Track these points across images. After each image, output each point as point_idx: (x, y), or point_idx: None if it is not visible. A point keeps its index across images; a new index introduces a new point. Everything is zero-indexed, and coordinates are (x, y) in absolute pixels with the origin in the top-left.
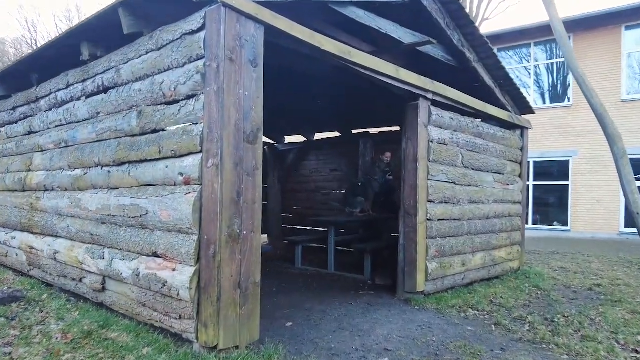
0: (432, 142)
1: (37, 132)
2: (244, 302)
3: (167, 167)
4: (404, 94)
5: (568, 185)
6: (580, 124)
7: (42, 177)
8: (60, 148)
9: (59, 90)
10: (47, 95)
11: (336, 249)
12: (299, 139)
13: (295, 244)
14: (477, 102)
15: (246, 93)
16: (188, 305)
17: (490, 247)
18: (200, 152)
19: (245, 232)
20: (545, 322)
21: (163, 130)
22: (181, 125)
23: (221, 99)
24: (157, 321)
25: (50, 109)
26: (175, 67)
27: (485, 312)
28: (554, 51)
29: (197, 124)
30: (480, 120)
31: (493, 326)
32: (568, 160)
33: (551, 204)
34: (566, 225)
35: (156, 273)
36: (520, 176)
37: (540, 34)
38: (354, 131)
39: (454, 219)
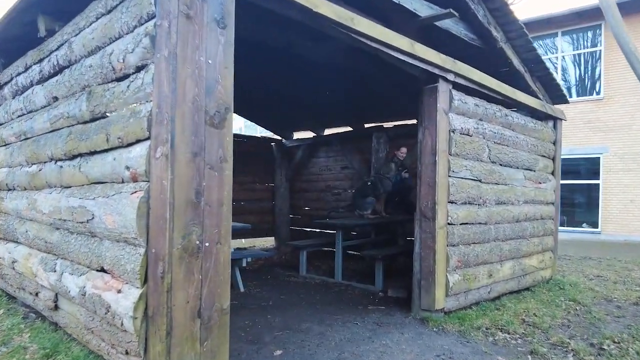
0: (453, 132)
1: (1, 124)
2: (206, 336)
3: (114, 159)
4: (420, 75)
5: (598, 184)
6: (612, 118)
7: (4, 174)
8: (20, 141)
9: (18, 74)
10: (8, 82)
11: (346, 255)
12: (307, 134)
13: (300, 249)
14: (505, 87)
15: (209, 61)
16: (134, 339)
17: (520, 255)
18: (148, 138)
19: (207, 244)
20: (592, 349)
21: (113, 112)
22: (130, 106)
23: (173, 67)
24: (105, 353)
25: (14, 97)
26: (126, 33)
27: (518, 336)
28: (582, 41)
29: (146, 102)
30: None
31: (529, 356)
32: (598, 158)
33: (579, 204)
34: (596, 227)
35: (100, 294)
36: (553, 173)
37: (568, 22)
38: (366, 125)
39: (479, 223)
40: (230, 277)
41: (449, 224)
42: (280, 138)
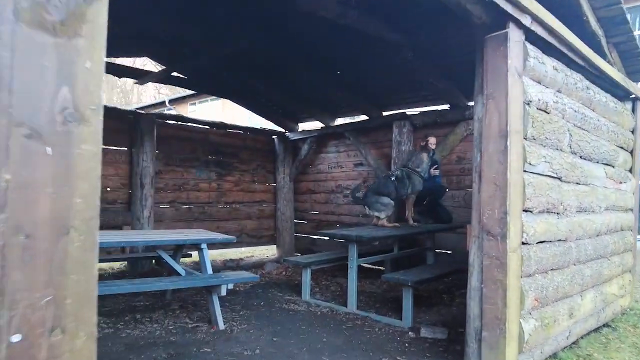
0: (528, 104)
1: None
2: None
3: None
4: (480, 15)
5: None
6: None
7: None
8: None
9: None
10: None
11: (360, 269)
12: (315, 125)
13: (302, 267)
14: (587, 49)
15: None
16: None
17: (601, 281)
18: None
19: None
20: None
21: None
22: None
23: None
24: None
25: None
26: None
27: None
28: None
29: None
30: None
31: None
32: None
33: None
34: None
35: None
36: (631, 171)
37: None
38: (385, 113)
39: (559, 240)
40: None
41: (523, 243)
42: (283, 130)
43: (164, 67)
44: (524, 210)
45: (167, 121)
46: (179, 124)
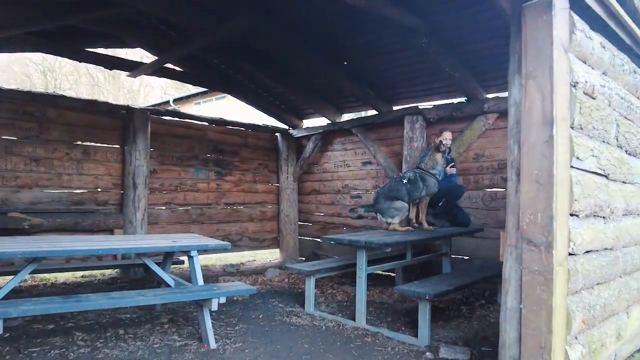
0: (574, 87)
1: None
2: None
3: None
4: None
5: None
6: None
7: None
8: None
9: None
10: None
11: (371, 280)
12: (320, 122)
13: (305, 275)
14: (633, 25)
15: None
16: None
17: None
18: None
19: None
20: None
21: None
22: None
23: None
24: None
25: None
26: None
27: None
28: None
29: None
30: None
31: None
32: None
33: None
34: None
35: None
36: None
37: None
38: (395, 107)
39: (605, 249)
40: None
41: (570, 254)
42: (286, 127)
43: (156, 58)
44: (570, 215)
45: (163, 117)
46: (175, 120)
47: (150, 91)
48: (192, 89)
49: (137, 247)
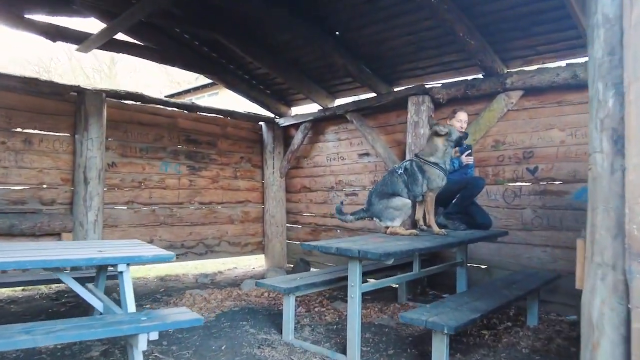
0: None
1: None
2: None
3: None
4: None
5: None
6: None
7: None
8: None
9: None
10: None
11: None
12: (311, 109)
13: (283, 293)
14: None
15: None
16: None
17: None
18: None
19: None
20: None
21: None
22: None
23: None
24: None
25: None
26: None
27: None
28: None
29: None
30: None
31: None
32: None
33: None
34: None
35: None
36: None
37: None
38: (396, 88)
39: None
40: None
41: None
42: (272, 115)
43: (105, 26)
44: None
45: (123, 101)
46: (139, 105)
47: (147, 90)
48: (183, 86)
49: (44, 260)
